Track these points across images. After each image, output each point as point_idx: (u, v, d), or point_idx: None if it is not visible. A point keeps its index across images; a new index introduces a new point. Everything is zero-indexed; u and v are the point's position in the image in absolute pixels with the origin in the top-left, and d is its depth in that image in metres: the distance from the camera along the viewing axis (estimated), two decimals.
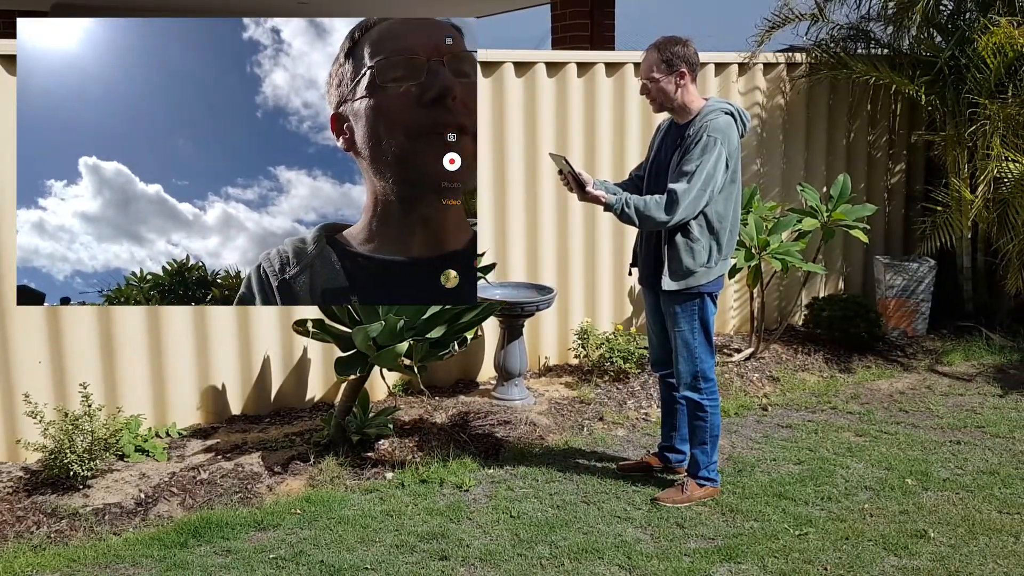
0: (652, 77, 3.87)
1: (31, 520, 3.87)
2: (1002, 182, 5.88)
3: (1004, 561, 3.57)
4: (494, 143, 5.47)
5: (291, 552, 3.67)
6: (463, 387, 5.53)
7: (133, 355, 4.66)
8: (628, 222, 3.85)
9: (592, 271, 5.91)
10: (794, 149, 6.61)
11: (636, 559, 3.60)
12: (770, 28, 6.49)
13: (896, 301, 6.56)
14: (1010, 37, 5.56)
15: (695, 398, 4.03)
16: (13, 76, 4.20)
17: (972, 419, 5.14)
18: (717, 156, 3.78)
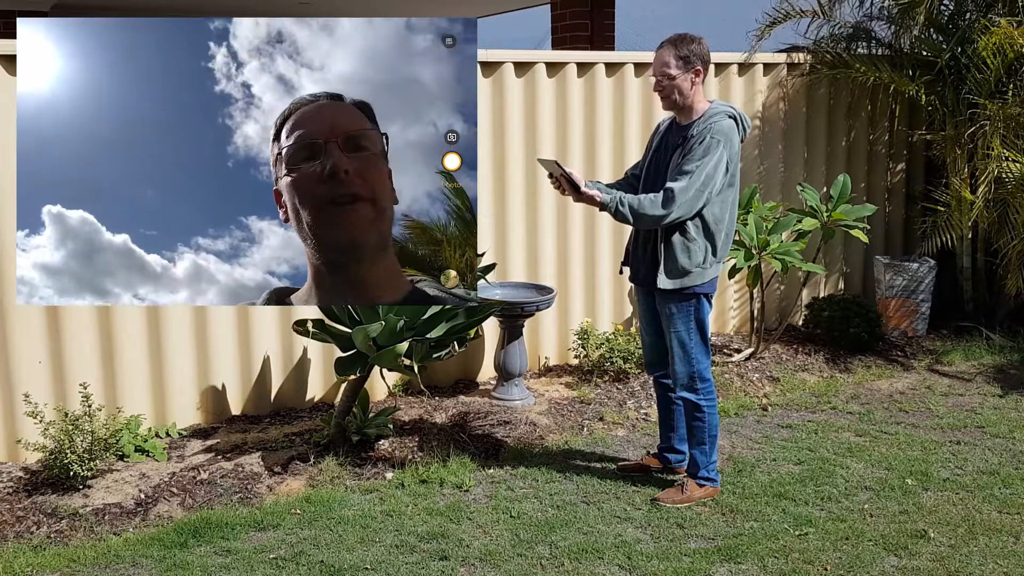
0: (668, 74, 3.86)
1: (31, 520, 3.87)
2: (1002, 182, 5.88)
3: (1004, 561, 3.57)
4: (494, 143, 5.48)
5: (291, 552, 3.67)
6: (463, 387, 5.53)
7: (133, 355, 4.66)
8: (623, 220, 3.85)
9: (592, 271, 5.91)
10: (794, 149, 6.61)
11: (636, 559, 3.60)
12: (770, 24, 6.48)
13: (896, 301, 6.56)
14: (1010, 37, 5.56)
15: (692, 399, 4.03)
16: (13, 76, 4.20)
17: (972, 419, 5.14)
18: (718, 158, 3.78)
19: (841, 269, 6.94)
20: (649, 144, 4.14)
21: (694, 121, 3.88)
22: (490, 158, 5.47)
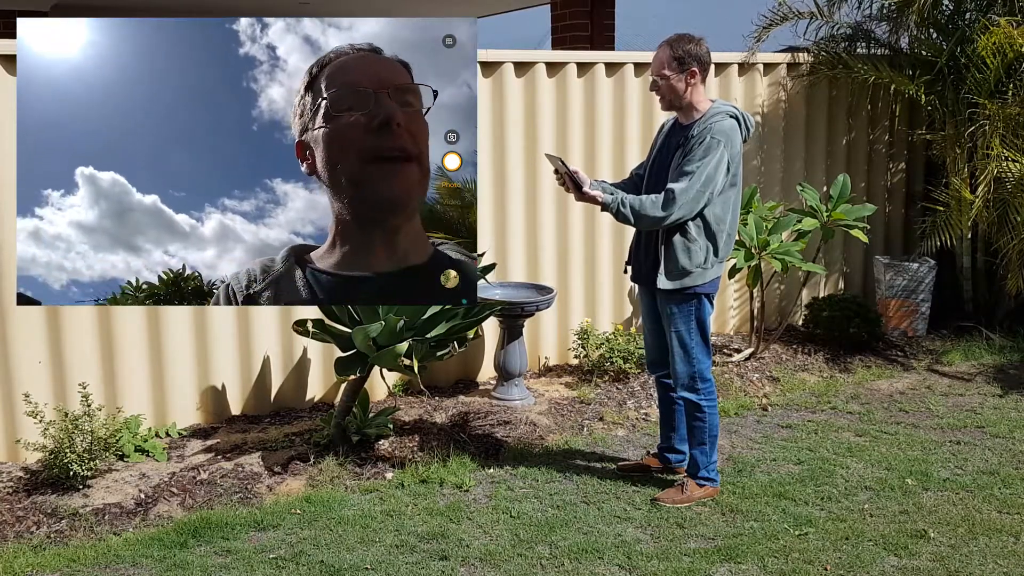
0: (663, 74, 3.86)
1: (31, 520, 3.87)
2: (1002, 182, 5.88)
3: (1004, 561, 3.57)
4: (494, 143, 5.48)
5: (291, 552, 3.67)
6: (463, 387, 5.53)
7: (133, 355, 4.66)
8: (624, 221, 3.85)
9: (592, 271, 5.91)
10: (794, 149, 6.61)
11: (636, 559, 3.60)
12: (768, 25, 6.49)
13: (896, 301, 6.56)
14: (1010, 37, 5.56)
15: (693, 398, 4.03)
16: (13, 76, 4.20)
17: (972, 419, 5.14)
18: (719, 158, 3.78)
19: (841, 269, 6.94)
20: (653, 144, 4.14)
21: (695, 121, 3.88)
22: (490, 158, 5.47)
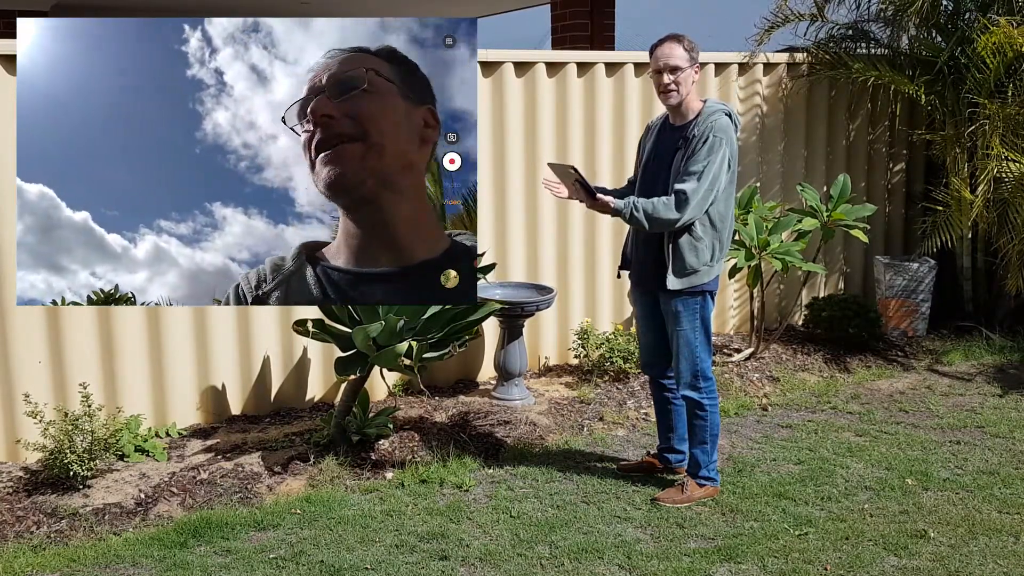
0: (679, 67, 3.83)
1: (31, 520, 3.87)
2: (1002, 182, 5.88)
3: (1004, 561, 3.57)
4: (494, 143, 5.47)
5: (291, 552, 3.67)
6: (463, 387, 5.53)
7: (133, 355, 4.66)
8: (637, 225, 3.84)
9: (592, 271, 5.91)
10: (794, 149, 6.61)
11: (636, 559, 3.60)
12: (769, 28, 6.50)
13: (896, 301, 6.56)
14: (1009, 37, 5.56)
15: (695, 397, 4.03)
16: (13, 76, 4.20)
17: (972, 419, 5.14)
18: (723, 157, 3.79)
19: (841, 269, 6.94)
20: (641, 147, 4.12)
21: (691, 121, 3.88)
22: (490, 158, 5.47)
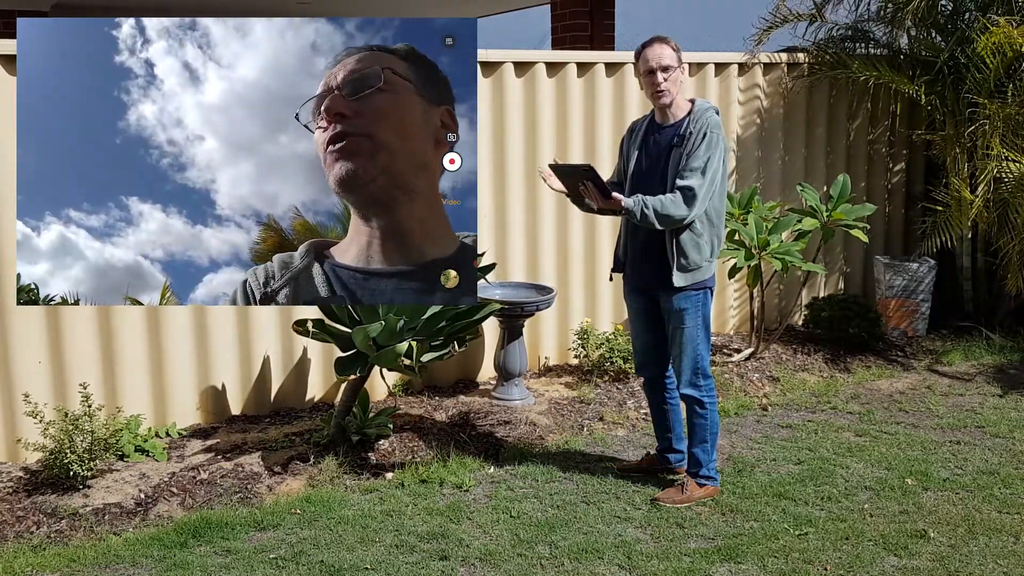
0: (671, 66, 3.85)
1: (31, 520, 3.87)
2: (1002, 182, 5.88)
3: (1004, 561, 3.57)
4: (494, 143, 5.48)
5: (291, 552, 3.67)
6: (463, 387, 5.53)
7: (133, 355, 4.66)
8: (646, 223, 3.84)
9: (592, 271, 5.91)
10: (794, 149, 6.61)
11: (636, 559, 3.60)
12: (768, 28, 6.50)
13: (896, 301, 6.56)
14: (1009, 37, 5.56)
15: (695, 395, 4.03)
16: (13, 76, 4.20)
17: (972, 419, 5.14)
18: (720, 152, 3.84)
19: (841, 269, 6.94)
20: (623, 148, 4.11)
21: (682, 119, 3.90)
22: (490, 158, 5.47)
